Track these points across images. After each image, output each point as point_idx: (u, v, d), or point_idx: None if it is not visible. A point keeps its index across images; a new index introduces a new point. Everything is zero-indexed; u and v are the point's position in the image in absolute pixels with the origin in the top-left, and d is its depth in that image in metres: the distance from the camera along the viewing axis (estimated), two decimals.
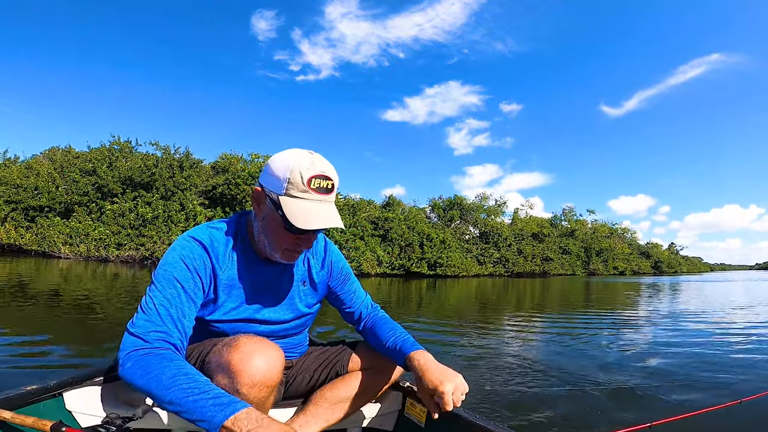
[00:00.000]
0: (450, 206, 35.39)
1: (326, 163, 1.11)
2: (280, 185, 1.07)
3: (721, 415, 1.78)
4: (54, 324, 3.87)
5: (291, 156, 1.09)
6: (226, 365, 0.99)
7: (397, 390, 1.51)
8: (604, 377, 2.77)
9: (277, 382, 1.04)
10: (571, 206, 48.94)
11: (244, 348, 1.00)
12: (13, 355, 2.74)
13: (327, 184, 1.09)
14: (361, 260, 22.16)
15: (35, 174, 21.19)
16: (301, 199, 1.07)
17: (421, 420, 1.40)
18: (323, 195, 1.09)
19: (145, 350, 0.94)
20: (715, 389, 2.55)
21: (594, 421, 1.94)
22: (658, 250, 65.98)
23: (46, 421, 0.97)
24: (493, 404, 2.17)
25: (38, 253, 18.79)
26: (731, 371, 3.02)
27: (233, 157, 25.39)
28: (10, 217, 19.62)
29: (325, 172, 1.09)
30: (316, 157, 1.11)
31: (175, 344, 0.99)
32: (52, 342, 3.14)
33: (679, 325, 5.73)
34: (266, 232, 1.14)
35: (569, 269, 40.24)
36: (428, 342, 4.03)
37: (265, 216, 1.13)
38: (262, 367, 0.99)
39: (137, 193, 21.07)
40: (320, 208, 1.08)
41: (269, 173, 1.11)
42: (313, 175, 1.06)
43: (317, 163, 1.09)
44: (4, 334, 3.21)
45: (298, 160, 1.07)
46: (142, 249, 19.28)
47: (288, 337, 1.34)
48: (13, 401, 1.11)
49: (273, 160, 1.12)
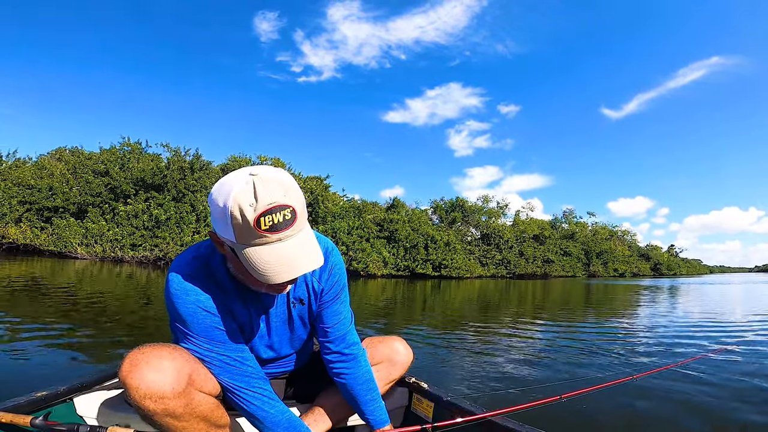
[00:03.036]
0: (452, 208, 35.36)
1: (275, 183, 0.83)
2: (229, 232, 0.85)
3: (619, 388, 2.13)
4: (66, 326, 3.87)
5: (226, 191, 0.83)
6: (120, 379, 0.90)
7: (403, 386, 1.51)
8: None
9: (177, 392, 0.90)
10: (571, 208, 48.75)
11: (133, 358, 0.91)
12: (26, 357, 2.71)
13: (283, 215, 0.83)
14: (367, 261, 22.16)
15: (49, 174, 21.18)
16: (258, 246, 0.84)
17: (428, 416, 1.39)
18: (284, 231, 0.84)
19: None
20: (616, 368, 3.01)
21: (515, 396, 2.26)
22: (658, 252, 65.49)
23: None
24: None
25: (54, 253, 18.84)
26: (632, 355, 3.48)
27: (242, 159, 25.51)
28: (25, 217, 19.63)
29: (275, 202, 0.82)
30: (260, 179, 0.82)
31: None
32: (64, 344, 3.12)
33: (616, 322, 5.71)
34: (241, 273, 0.97)
35: (570, 271, 40.04)
36: (432, 340, 4.01)
37: (231, 259, 0.94)
38: (151, 378, 0.88)
39: (149, 194, 21.17)
40: (287, 250, 0.85)
41: (214, 217, 0.88)
42: (259, 213, 0.81)
43: (261, 192, 0.81)
44: (18, 339, 3.21)
45: (236, 198, 0.81)
46: (156, 250, 19.36)
47: (290, 355, 1.28)
48: (25, 407, 1.10)
49: (211, 198, 0.87)
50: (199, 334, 0.98)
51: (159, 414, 0.89)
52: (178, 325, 1.00)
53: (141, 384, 0.87)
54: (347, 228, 23.45)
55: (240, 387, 1.01)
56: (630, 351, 3.59)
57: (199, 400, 0.95)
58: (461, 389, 2.39)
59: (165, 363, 0.91)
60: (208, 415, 0.98)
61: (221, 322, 1.00)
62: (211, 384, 1.00)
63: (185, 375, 0.93)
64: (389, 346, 1.37)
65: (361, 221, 25.01)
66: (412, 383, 1.48)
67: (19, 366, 2.52)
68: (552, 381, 2.61)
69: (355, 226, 24.12)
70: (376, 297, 9.62)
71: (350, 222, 24.11)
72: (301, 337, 1.23)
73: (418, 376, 1.51)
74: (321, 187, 25.96)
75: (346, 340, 1.19)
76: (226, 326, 1.01)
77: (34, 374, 2.39)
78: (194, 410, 0.94)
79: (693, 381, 2.63)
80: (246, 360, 1.03)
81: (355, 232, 23.64)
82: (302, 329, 1.21)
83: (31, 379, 2.31)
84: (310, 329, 1.24)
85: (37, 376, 2.36)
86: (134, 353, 0.91)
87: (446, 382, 2.53)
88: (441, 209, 35.27)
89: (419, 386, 1.46)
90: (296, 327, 1.19)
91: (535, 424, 1.10)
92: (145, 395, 0.87)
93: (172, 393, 0.89)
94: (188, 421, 0.94)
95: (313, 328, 1.24)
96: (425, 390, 1.44)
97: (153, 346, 0.94)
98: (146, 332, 3.75)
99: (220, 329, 1.00)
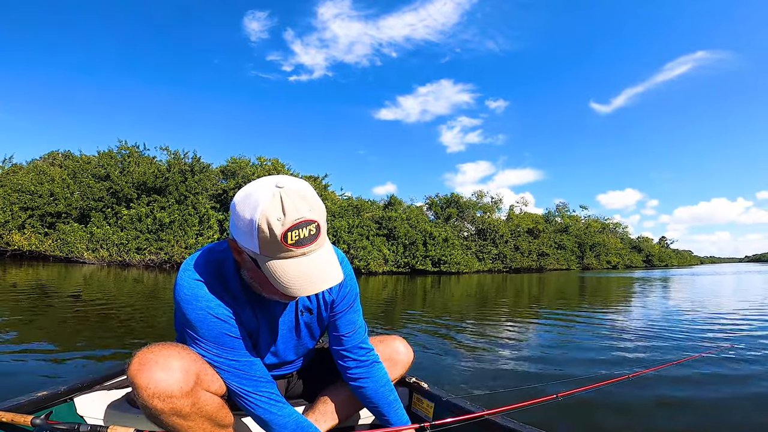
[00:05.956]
0: (447, 204, 35.33)
1: (301, 199, 0.83)
2: (254, 244, 0.84)
3: (614, 387, 2.11)
4: (68, 327, 3.86)
5: (253, 204, 0.83)
6: (129, 377, 0.90)
7: (403, 386, 1.49)
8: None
9: (185, 391, 0.90)
10: (564, 202, 48.85)
11: (142, 357, 0.91)
12: (26, 359, 2.71)
13: (309, 230, 0.84)
14: (368, 259, 22.18)
15: (49, 180, 20.83)
16: (283, 259, 0.85)
17: (428, 415, 1.38)
18: (309, 246, 0.85)
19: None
20: (612, 366, 3.01)
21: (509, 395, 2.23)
22: (649, 244, 65.72)
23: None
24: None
25: (60, 259, 18.67)
26: (627, 352, 3.47)
27: (242, 160, 25.42)
28: (28, 224, 19.34)
29: (302, 217, 0.82)
30: (287, 193, 0.82)
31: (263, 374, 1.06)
32: (66, 346, 3.11)
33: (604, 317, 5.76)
34: (257, 282, 0.97)
35: (564, 264, 40.16)
36: (432, 338, 4.06)
37: (250, 268, 0.94)
38: (160, 377, 0.88)
39: (152, 198, 21.03)
40: (310, 265, 0.86)
41: (237, 227, 0.88)
42: (287, 228, 0.81)
43: (289, 206, 0.81)
44: (20, 340, 3.19)
45: (264, 211, 0.81)
46: (161, 253, 19.27)
47: (294, 361, 1.27)
48: (26, 406, 1.09)
49: (235, 209, 0.87)
50: (208, 340, 0.98)
51: (166, 413, 0.89)
52: (187, 330, 1.00)
53: (150, 383, 0.87)
54: (348, 227, 23.44)
55: (248, 391, 1.01)
56: (626, 348, 3.57)
57: (205, 400, 0.95)
58: (460, 388, 2.39)
59: (173, 362, 0.91)
60: (213, 414, 0.98)
61: (230, 329, 0.99)
62: (218, 384, 1.00)
63: (193, 374, 0.93)
64: (390, 346, 1.36)
65: (360, 219, 25.01)
66: (412, 383, 1.47)
67: (19, 366, 2.50)
68: (549, 379, 2.61)
69: (355, 224, 24.12)
70: (378, 294, 9.66)
71: (350, 221, 24.11)
72: (307, 345, 1.23)
73: (419, 376, 1.50)
74: (319, 186, 25.94)
75: (363, 348, 1.19)
76: (234, 332, 1.00)
77: (34, 375, 2.36)
78: (201, 410, 0.94)
79: (689, 379, 2.61)
80: (254, 364, 1.03)
81: (356, 231, 23.63)
82: (308, 338, 1.21)
83: (33, 379, 2.27)
84: (316, 338, 1.24)
85: (37, 376, 2.33)
86: (143, 352, 0.91)
87: (445, 381, 2.53)
88: (436, 205, 35.24)
89: (419, 386, 1.45)
90: (303, 335, 1.19)
91: (532, 423, 1.11)
92: (153, 394, 0.87)
93: (180, 392, 0.89)
94: (194, 420, 0.94)
95: (319, 336, 1.25)
96: (425, 390, 1.43)
97: (161, 345, 0.94)
98: (151, 333, 3.74)
99: (229, 335, 0.99)
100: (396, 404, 1.19)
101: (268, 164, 25.23)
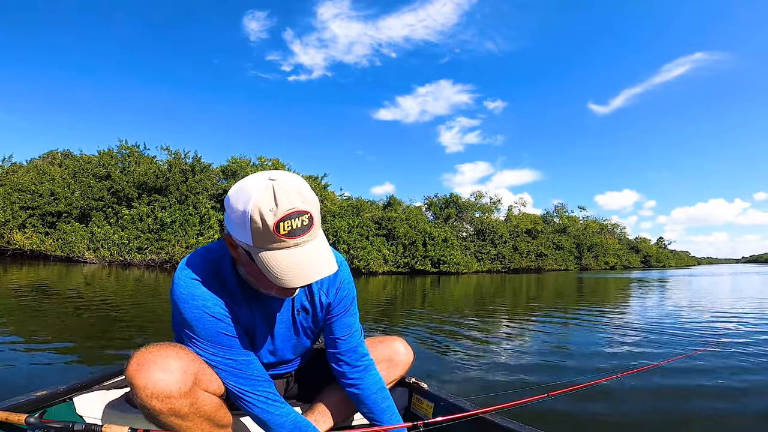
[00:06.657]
0: (446, 204, 35.34)
1: (294, 190, 0.84)
2: (247, 236, 0.85)
3: (603, 386, 2.20)
4: (68, 327, 3.86)
5: (246, 196, 0.83)
6: (127, 378, 0.90)
7: (403, 386, 1.49)
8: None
9: (183, 391, 0.90)
10: (562, 203, 48.88)
11: (141, 357, 0.90)
12: (25, 359, 2.69)
13: (302, 221, 0.84)
14: (368, 259, 22.19)
15: (49, 179, 20.73)
16: (275, 250, 0.84)
17: (427, 415, 1.37)
18: (301, 236, 0.85)
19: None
20: (601, 365, 3.05)
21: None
22: (647, 244, 65.72)
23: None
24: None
25: (61, 258, 18.62)
26: (619, 352, 3.51)
27: (242, 160, 25.41)
28: (29, 223, 19.27)
29: (294, 207, 0.82)
30: (279, 184, 0.83)
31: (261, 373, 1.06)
32: (65, 346, 3.11)
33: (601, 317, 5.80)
34: (252, 276, 0.96)
35: (563, 264, 40.19)
36: (431, 338, 4.08)
37: (245, 263, 0.94)
38: (158, 377, 0.88)
39: (152, 197, 20.99)
40: (303, 256, 0.86)
41: (231, 220, 0.88)
42: (279, 218, 0.81)
43: (281, 197, 0.81)
44: (21, 341, 3.19)
45: (256, 202, 0.81)
46: (162, 253, 19.26)
47: (292, 360, 1.26)
48: (24, 406, 1.09)
49: (229, 202, 0.87)
50: (204, 339, 0.97)
51: (165, 413, 0.89)
52: (184, 329, 0.99)
53: (148, 383, 0.87)
54: (347, 227, 23.46)
55: (245, 390, 1.01)
56: (616, 348, 3.60)
57: (204, 400, 0.95)
58: (460, 388, 2.40)
59: (171, 363, 0.90)
60: (212, 414, 0.97)
61: (227, 327, 0.99)
62: (216, 384, 0.99)
63: (191, 374, 0.92)
64: (390, 346, 1.36)
65: (360, 220, 25.03)
66: (412, 383, 1.46)
67: (19, 366, 2.50)
68: (541, 378, 2.64)
69: (355, 224, 24.13)
70: (377, 294, 9.68)
71: (350, 221, 24.12)
72: (304, 344, 1.22)
73: (418, 376, 1.49)
74: (319, 186, 25.96)
75: (357, 352, 1.18)
76: (231, 331, 0.99)
77: (34, 374, 2.35)
78: (199, 410, 0.94)
79: (677, 380, 2.64)
80: (251, 363, 1.02)
81: (356, 231, 23.64)
82: (305, 337, 1.20)
83: (32, 379, 2.27)
84: (313, 337, 1.24)
85: (37, 376, 2.32)
86: (141, 353, 0.91)
87: (445, 381, 2.55)
88: (435, 206, 35.26)
89: (419, 386, 1.44)
90: (300, 334, 1.18)
91: (523, 421, 1.12)
92: (152, 394, 0.87)
93: (178, 392, 0.89)
94: (193, 420, 0.93)
95: (315, 335, 1.24)
96: (425, 390, 1.42)
97: (160, 345, 0.94)
98: (151, 333, 3.75)
99: (225, 334, 0.98)
100: (389, 411, 1.17)
101: (268, 164, 25.23)
